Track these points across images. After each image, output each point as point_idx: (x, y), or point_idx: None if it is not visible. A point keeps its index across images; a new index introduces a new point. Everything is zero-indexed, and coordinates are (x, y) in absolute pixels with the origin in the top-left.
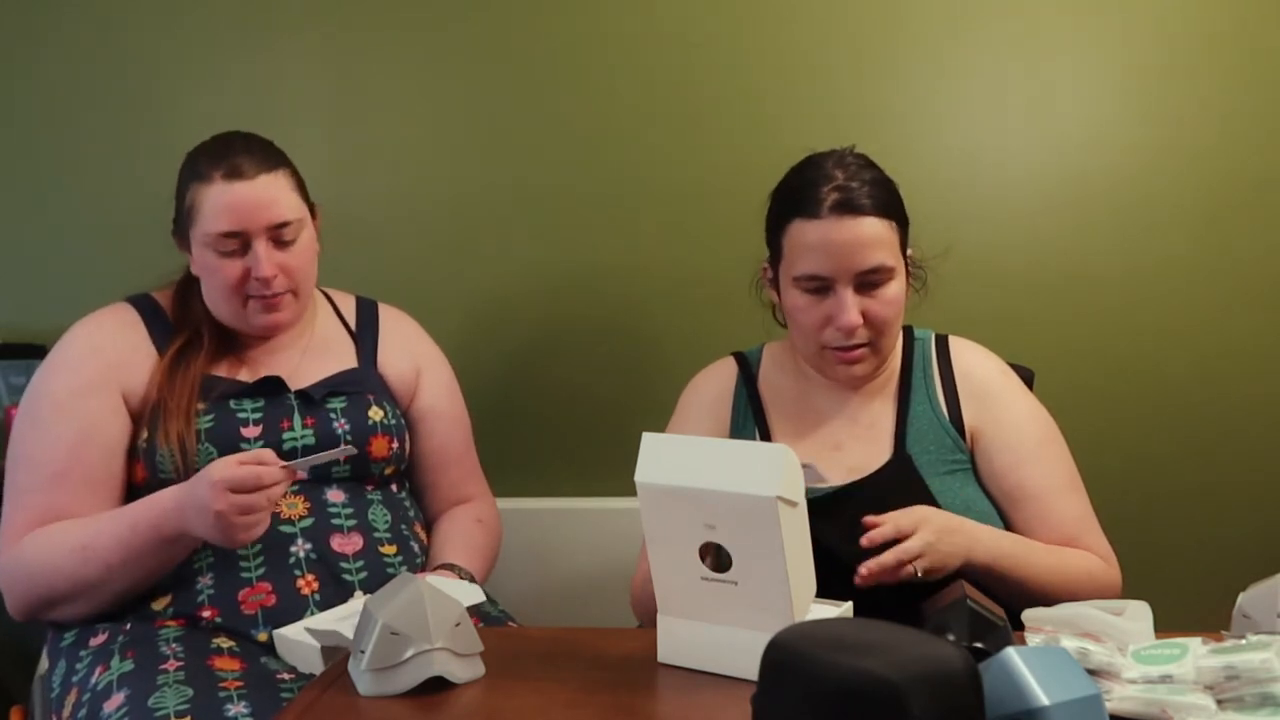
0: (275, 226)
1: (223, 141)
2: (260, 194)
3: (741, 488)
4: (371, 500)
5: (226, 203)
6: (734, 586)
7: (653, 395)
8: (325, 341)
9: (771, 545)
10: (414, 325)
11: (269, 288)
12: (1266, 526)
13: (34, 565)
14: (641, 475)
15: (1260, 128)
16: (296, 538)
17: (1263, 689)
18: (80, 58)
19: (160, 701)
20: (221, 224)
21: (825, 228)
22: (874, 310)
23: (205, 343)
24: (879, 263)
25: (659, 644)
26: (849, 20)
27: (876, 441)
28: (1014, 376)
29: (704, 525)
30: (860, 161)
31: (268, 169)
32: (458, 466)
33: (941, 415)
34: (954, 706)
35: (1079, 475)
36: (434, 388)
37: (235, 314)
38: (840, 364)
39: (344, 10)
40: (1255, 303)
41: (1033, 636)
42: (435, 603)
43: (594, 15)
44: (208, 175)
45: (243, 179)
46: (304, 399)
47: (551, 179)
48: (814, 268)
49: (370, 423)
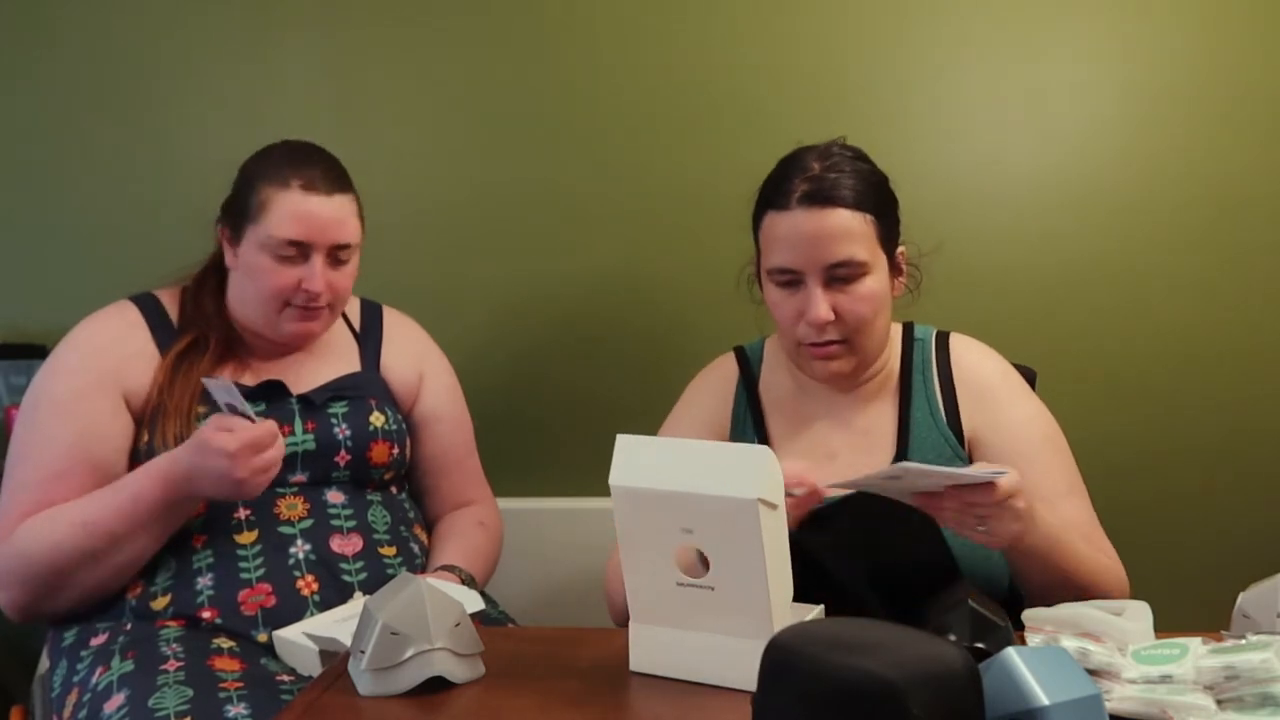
0: (338, 246)
1: (302, 151)
2: (333, 212)
3: (722, 490)
4: (371, 502)
5: (300, 212)
6: (710, 592)
7: (654, 395)
8: (329, 345)
9: (752, 548)
10: (418, 329)
11: (314, 301)
12: (1266, 526)
13: (32, 548)
14: (616, 478)
15: (1260, 127)
16: (296, 539)
17: (1263, 689)
18: (80, 58)
19: (160, 702)
20: (290, 231)
21: (792, 219)
22: (845, 306)
23: (211, 345)
24: (848, 256)
25: (631, 652)
26: (851, 20)
27: (872, 450)
28: (1016, 377)
29: (681, 529)
30: (846, 153)
31: (341, 190)
32: (459, 471)
33: (940, 420)
34: (954, 706)
35: (1081, 480)
36: (436, 392)
37: (267, 317)
38: (815, 360)
39: (344, 11)
40: (1255, 302)
41: (1033, 636)
42: (435, 603)
43: (596, 17)
44: (286, 181)
45: (320, 194)
46: (305, 403)
47: (552, 181)
48: (782, 260)
49: (371, 428)
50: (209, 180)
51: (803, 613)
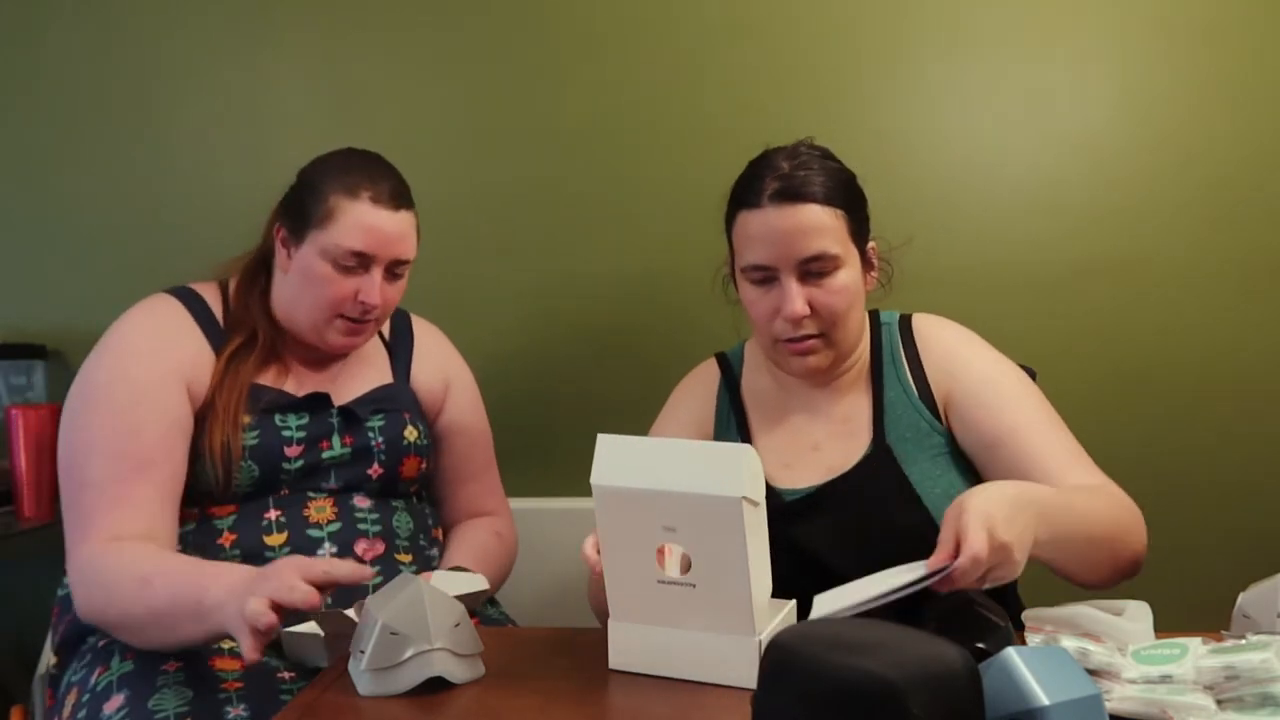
0: (398, 261)
1: (371, 162)
2: (398, 227)
3: (705, 489)
4: (396, 508)
5: (368, 224)
6: (691, 589)
7: (655, 396)
8: (364, 354)
9: (734, 546)
10: (444, 339)
11: (367, 314)
12: (1266, 526)
13: (103, 578)
14: (597, 478)
15: (1259, 125)
16: (324, 541)
17: (1263, 689)
18: (80, 58)
19: (160, 703)
20: (357, 243)
21: (765, 216)
22: (820, 299)
23: (259, 346)
24: (821, 250)
25: (610, 649)
26: (851, 20)
27: (854, 436)
28: (974, 336)
29: (662, 528)
30: (813, 152)
31: (406, 206)
32: (476, 482)
33: (914, 397)
34: (954, 706)
35: (1056, 413)
36: (460, 404)
37: (315, 325)
38: (793, 355)
39: (343, 12)
40: (1255, 301)
41: (1033, 636)
42: (435, 603)
43: (597, 18)
44: (356, 191)
45: (387, 208)
46: (345, 415)
47: (553, 181)
48: (757, 257)
49: (405, 443)
50: (209, 180)
51: (779, 608)
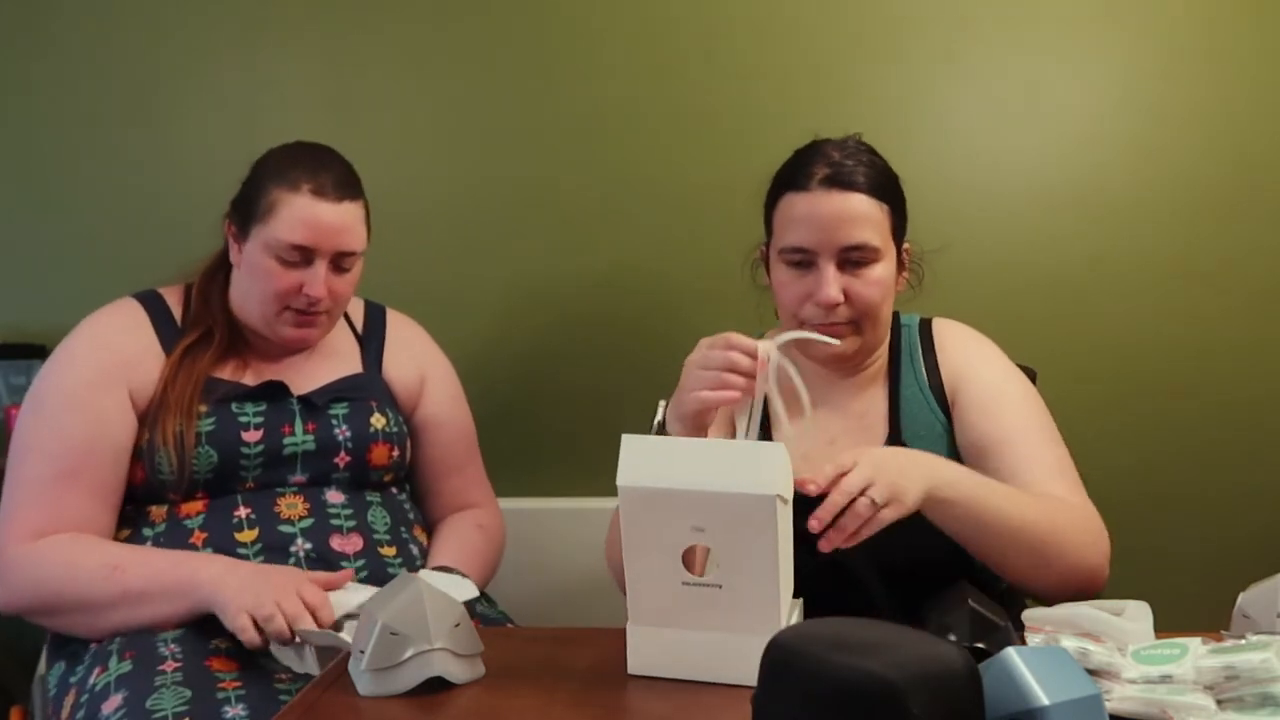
0: (342, 254)
1: (314, 155)
2: (340, 219)
3: (740, 488)
4: (371, 502)
5: (307, 218)
6: (717, 590)
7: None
8: (331, 346)
9: (766, 545)
10: (421, 332)
11: (313, 306)
12: (1266, 526)
13: (52, 568)
14: (624, 478)
15: (1260, 125)
16: (296, 537)
17: (1263, 689)
18: (79, 59)
19: (159, 703)
20: (296, 236)
21: (812, 200)
22: (856, 289)
23: (215, 341)
24: (864, 240)
25: (629, 655)
26: (850, 20)
27: (868, 431)
28: (991, 345)
29: (691, 528)
30: (862, 147)
31: (351, 197)
32: (459, 475)
33: (930, 397)
34: (954, 706)
35: (1056, 430)
36: (438, 396)
37: (265, 319)
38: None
39: (343, 11)
40: (1256, 301)
41: (1033, 636)
42: (435, 603)
43: (596, 17)
44: (296, 184)
45: (328, 200)
46: (306, 404)
47: (552, 180)
48: (798, 239)
49: (372, 430)
50: (208, 180)
51: (794, 607)
